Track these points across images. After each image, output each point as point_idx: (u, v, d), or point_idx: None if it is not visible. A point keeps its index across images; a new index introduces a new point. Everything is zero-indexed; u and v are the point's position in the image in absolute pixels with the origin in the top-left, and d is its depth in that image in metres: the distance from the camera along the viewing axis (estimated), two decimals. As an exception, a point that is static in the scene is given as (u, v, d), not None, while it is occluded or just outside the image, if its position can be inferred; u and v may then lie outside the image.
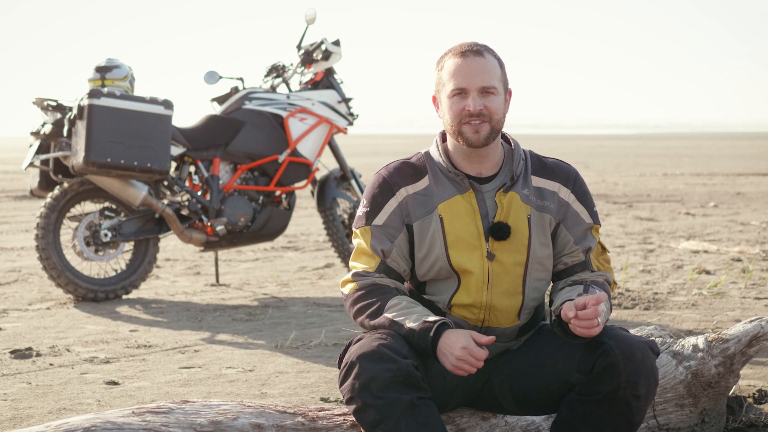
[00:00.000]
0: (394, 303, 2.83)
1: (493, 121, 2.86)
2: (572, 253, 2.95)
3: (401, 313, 2.80)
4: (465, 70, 2.86)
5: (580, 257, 2.96)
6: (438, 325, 2.75)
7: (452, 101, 2.88)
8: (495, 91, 2.87)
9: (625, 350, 2.72)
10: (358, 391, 2.66)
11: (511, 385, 2.90)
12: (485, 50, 2.89)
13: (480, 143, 2.86)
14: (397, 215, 2.91)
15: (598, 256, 3.01)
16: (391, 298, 2.84)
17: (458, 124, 2.87)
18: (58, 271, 6.39)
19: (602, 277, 2.96)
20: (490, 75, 2.86)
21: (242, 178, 6.87)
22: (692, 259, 7.97)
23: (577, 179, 2.99)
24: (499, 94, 2.88)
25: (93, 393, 4.24)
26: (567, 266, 2.96)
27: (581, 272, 2.96)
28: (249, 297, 6.67)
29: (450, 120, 2.88)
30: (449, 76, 2.88)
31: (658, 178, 18.93)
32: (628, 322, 5.59)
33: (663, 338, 3.55)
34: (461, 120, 2.86)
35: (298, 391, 4.27)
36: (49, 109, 6.49)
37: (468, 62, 2.86)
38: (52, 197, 6.46)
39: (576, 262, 2.96)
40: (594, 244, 2.97)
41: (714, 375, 3.37)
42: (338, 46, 7.07)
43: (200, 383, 4.41)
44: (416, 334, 2.75)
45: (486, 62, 2.87)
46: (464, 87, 2.86)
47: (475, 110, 2.84)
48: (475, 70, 2.86)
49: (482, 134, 2.86)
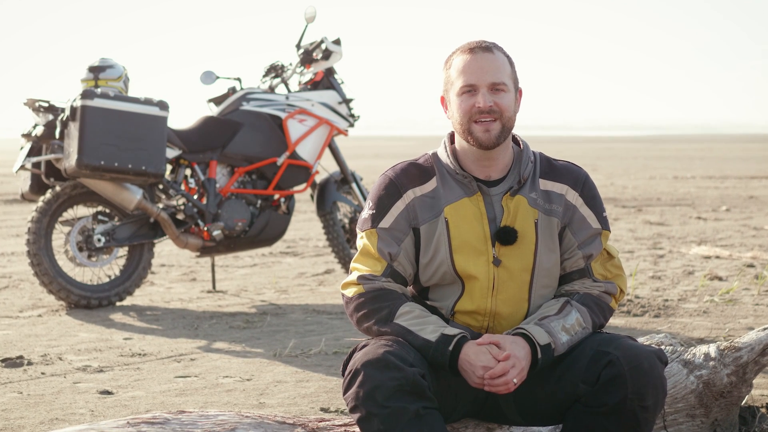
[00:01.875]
0: (405, 310, 2.83)
1: (504, 119, 2.86)
2: (573, 257, 2.95)
3: (416, 322, 2.80)
4: (474, 67, 2.87)
5: (579, 264, 2.95)
6: (458, 339, 2.76)
7: (461, 99, 2.88)
8: (505, 88, 2.87)
9: (631, 360, 2.73)
10: (362, 399, 2.66)
11: (515, 396, 2.90)
12: (494, 47, 2.90)
13: (491, 143, 2.86)
14: (404, 218, 2.91)
15: (605, 263, 3.00)
16: (402, 305, 2.84)
17: (468, 122, 2.87)
18: (49, 277, 6.40)
19: (599, 289, 2.95)
20: (500, 71, 2.87)
21: (240, 182, 6.88)
22: (704, 265, 7.98)
23: (586, 182, 2.99)
24: (509, 92, 2.88)
25: (86, 403, 4.24)
26: (565, 272, 2.96)
27: (579, 280, 2.96)
28: (246, 304, 6.67)
29: (459, 118, 2.88)
30: (458, 73, 2.89)
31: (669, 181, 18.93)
32: (637, 330, 5.59)
33: (673, 346, 3.55)
34: (471, 117, 2.86)
35: (298, 401, 4.27)
36: (40, 110, 6.50)
37: (477, 58, 2.87)
38: (43, 201, 6.47)
39: (574, 269, 2.96)
40: (598, 251, 2.96)
41: (726, 384, 3.37)
42: (339, 45, 7.08)
43: (197, 393, 4.42)
44: (433, 346, 2.76)
45: (495, 58, 2.88)
46: (473, 83, 2.86)
47: (485, 107, 2.84)
48: (485, 66, 2.86)
49: (493, 133, 2.85)
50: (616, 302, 2.99)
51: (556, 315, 2.86)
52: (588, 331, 2.88)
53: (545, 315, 2.86)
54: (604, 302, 2.95)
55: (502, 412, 2.95)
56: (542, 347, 2.78)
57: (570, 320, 2.85)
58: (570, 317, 2.86)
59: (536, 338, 2.78)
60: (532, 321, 2.85)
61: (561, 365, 2.84)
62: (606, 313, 2.95)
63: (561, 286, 2.98)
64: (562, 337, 2.82)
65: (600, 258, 2.98)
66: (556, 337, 2.81)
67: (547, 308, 2.89)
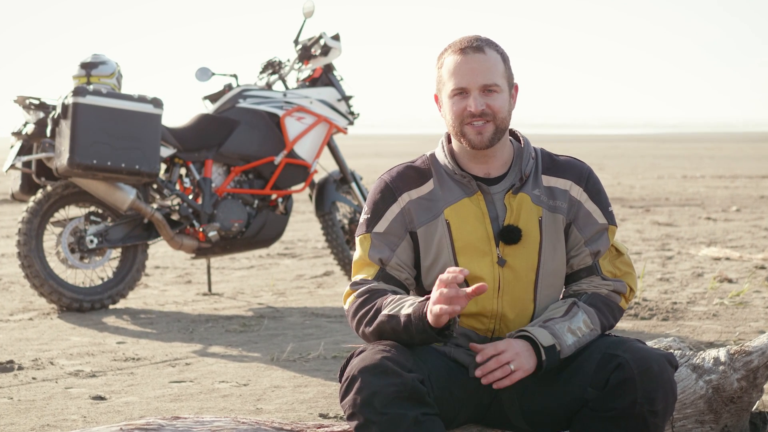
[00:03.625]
0: (388, 301, 2.83)
1: (497, 121, 2.87)
2: (580, 254, 2.95)
3: (395, 305, 2.80)
4: (465, 69, 2.87)
5: (586, 261, 2.96)
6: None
7: (453, 101, 2.89)
8: (498, 89, 2.87)
9: (641, 364, 2.73)
10: (360, 406, 2.66)
11: (521, 401, 2.90)
12: (486, 45, 2.89)
13: (484, 145, 2.87)
14: (399, 222, 2.92)
15: (614, 260, 3.00)
16: (386, 298, 2.84)
17: (460, 125, 2.88)
18: (41, 279, 6.40)
19: (607, 287, 2.95)
20: (492, 72, 2.87)
21: (236, 181, 6.88)
22: (713, 267, 7.98)
23: (590, 177, 2.99)
24: (502, 92, 2.88)
25: (78, 409, 4.24)
26: (573, 270, 2.97)
27: (587, 278, 2.96)
28: (243, 307, 6.68)
29: (452, 121, 2.90)
30: (449, 74, 2.89)
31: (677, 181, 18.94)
32: (645, 334, 5.60)
33: (682, 351, 3.55)
34: (463, 121, 2.87)
35: (296, 406, 4.27)
36: (31, 108, 6.50)
37: (468, 60, 2.87)
38: (34, 201, 6.48)
39: (582, 266, 2.96)
40: (605, 247, 2.96)
41: (736, 390, 3.37)
42: (338, 41, 7.09)
43: (192, 398, 4.42)
44: (413, 319, 2.73)
45: (487, 58, 2.88)
46: (464, 86, 2.86)
47: (476, 111, 2.85)
48: (476, 68, 2.86)
49: (486, 135, 2.86)
50: (626, 302, 2.99)
51: (562, 317, 2.86)
52: (596, 332, 2.88)
53: (550, 317, 2.86)
54: (613, 302, 2.96)
55: (507, 417, 2.95)
56: (546, 349, 2.78)
57: (577, 322, 2.85)
58: (577, 319, 2.86)
59: (539, 340, 2.78)
60: (537, 323, 2.85)
61: (568, 369, 2.84)
62: (615, 313, 2.95)
63: (569, 286, 2.99)
64: (568, 338, 2.82)
65: (608, 255, 2.99)
66: (561, 338, 2.81)
67: (553, 310, 2.89)
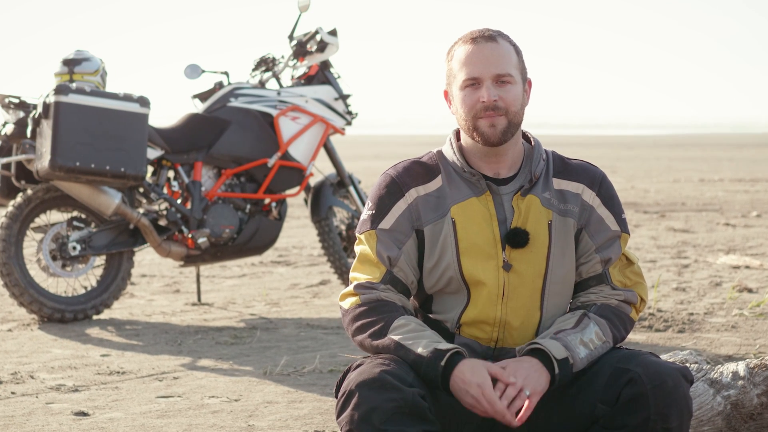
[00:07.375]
0: (401, 323, 2.83)
1: (510, 114, 2.88)
2: (589, 261, 2.96)
3: (409, 336, 2.80)
4: (477, 58, 2.88)
5: (596, 269, 2.97)
6: (451, 354, 2.75)
7: (465, 93, 2.90)
8: (511, 80, 2.88)
9: (654, 378, 2.73)
10: (357, 423, 2.66)
11: (528, 417, 2.90)
12: (499, 36, 2.91)
13: (497, 138, 2.88)
14: (406, 219, 2.93)
15: (624, 269, 3.01)
16: (398, 318, 2.84)
17: (473, 119, 2.89)
18: (20, 288, 6.40)
19: (617, 298, 2.96)
20: (505, 62, 2.88)
21: (227, 185, 6.89)
22: (732, 276, 7.98)
23: (603, 182, 3.01)
24: (516, 83, 2.90)
25: (60, 425, 4.25)
26: (582, 278, 2.98)
27: (596, 287, 2.97)
28: (234, 318, 6.68)
29: (464, 114, 2.90)
30: (460, 65, 2.90)
31: (694, 185, 18.95)
32: (659, 346, 5.60)
33: (699, 364, 3.55)
34: (476, 114, 2.88)
35: (290, 423, 4.28)
36: (10, 107, 6.51)
37: (480, 48, 2.88)
38: (14, 206, 6.48)
39: (591, 275, 2.97)
40: (616, 255, 2.97)
41: (756, 406, 3.38)
42: (335, 37, 7.10)
43: (180, 414, 4.43)
44: (425, 361, 2.75)
45: (500, 47, 2.89)
46: (477, 76, 2.87)
47: (489, 102, 2.85)
48: (489, 56, 2.87)
49: (499, 128, 2.87)
50: (636, 313, 3.00)
51: (573, 328, 2.86)
52: (608, 345, 2.88)
53: (561, 329, 2.87)
54: (624, 313, 2.96)
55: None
56: (559, 362, 2.78)
57: (589, 333, 2.86)
58: (588, 330, 2.86)
59: (552, 353, 2.78)
60: (548, 335, 2.86)
61: (577, 383, 2.84)
62: (627, 324, 2.96)
63: (577, 296, 2.99)
64: (581, 351, 2.82)
65: (618, 264, 3.00)
66: (574, 351, 2.81)
67: (563, 322, 2.90)
